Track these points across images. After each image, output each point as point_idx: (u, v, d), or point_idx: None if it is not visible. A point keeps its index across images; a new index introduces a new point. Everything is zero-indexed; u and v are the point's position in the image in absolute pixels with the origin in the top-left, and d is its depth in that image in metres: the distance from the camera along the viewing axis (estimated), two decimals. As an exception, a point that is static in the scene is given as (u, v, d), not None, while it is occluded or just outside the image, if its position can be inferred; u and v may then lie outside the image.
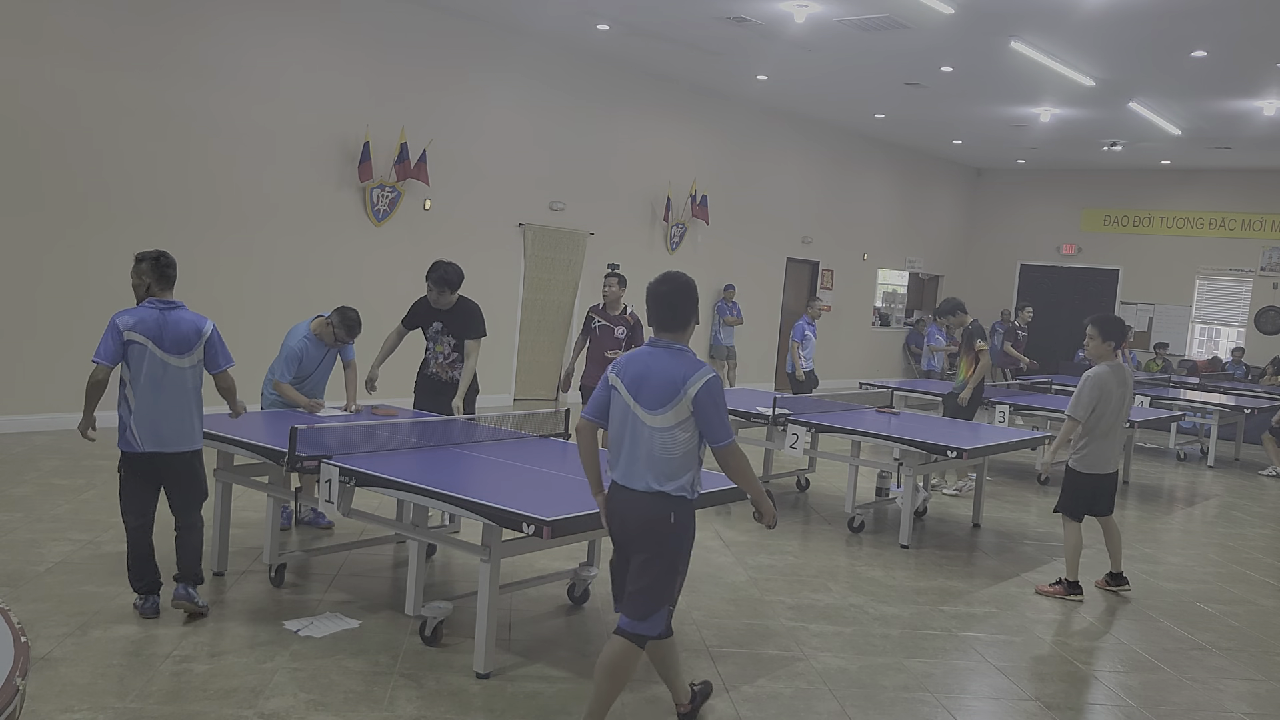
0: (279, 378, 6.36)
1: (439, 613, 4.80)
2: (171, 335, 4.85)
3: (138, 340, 4.79)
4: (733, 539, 7.16)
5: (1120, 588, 6.54)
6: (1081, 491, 6.40)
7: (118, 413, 4.90)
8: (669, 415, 3.75)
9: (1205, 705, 4.80)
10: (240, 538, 6.27)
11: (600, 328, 8.55)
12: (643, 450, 3.79)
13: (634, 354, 3.94)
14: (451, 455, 5.35)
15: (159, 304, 4.89)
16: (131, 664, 4.37)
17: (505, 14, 11.80)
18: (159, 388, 4.84)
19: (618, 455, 3.87)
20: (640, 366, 3.85)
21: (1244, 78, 12.34)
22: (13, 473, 7.60)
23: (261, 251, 10.53)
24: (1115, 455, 6.39)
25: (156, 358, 4.82)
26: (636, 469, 3.80)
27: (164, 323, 4.85)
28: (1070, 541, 6.38)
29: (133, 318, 4.82)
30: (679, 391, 3.74)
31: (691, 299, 3.90)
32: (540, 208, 13.30)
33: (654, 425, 3.77)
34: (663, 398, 3.76)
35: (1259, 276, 19.45)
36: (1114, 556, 6.58)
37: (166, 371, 4.85)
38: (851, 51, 12.31)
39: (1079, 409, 6.23)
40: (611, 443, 3.92)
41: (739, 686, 4.60)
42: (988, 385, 11.69)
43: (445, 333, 6.65)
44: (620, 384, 3.87)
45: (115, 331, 4.79)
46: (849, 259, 19.14)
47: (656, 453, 3.77)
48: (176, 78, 9.72)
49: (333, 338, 6.43)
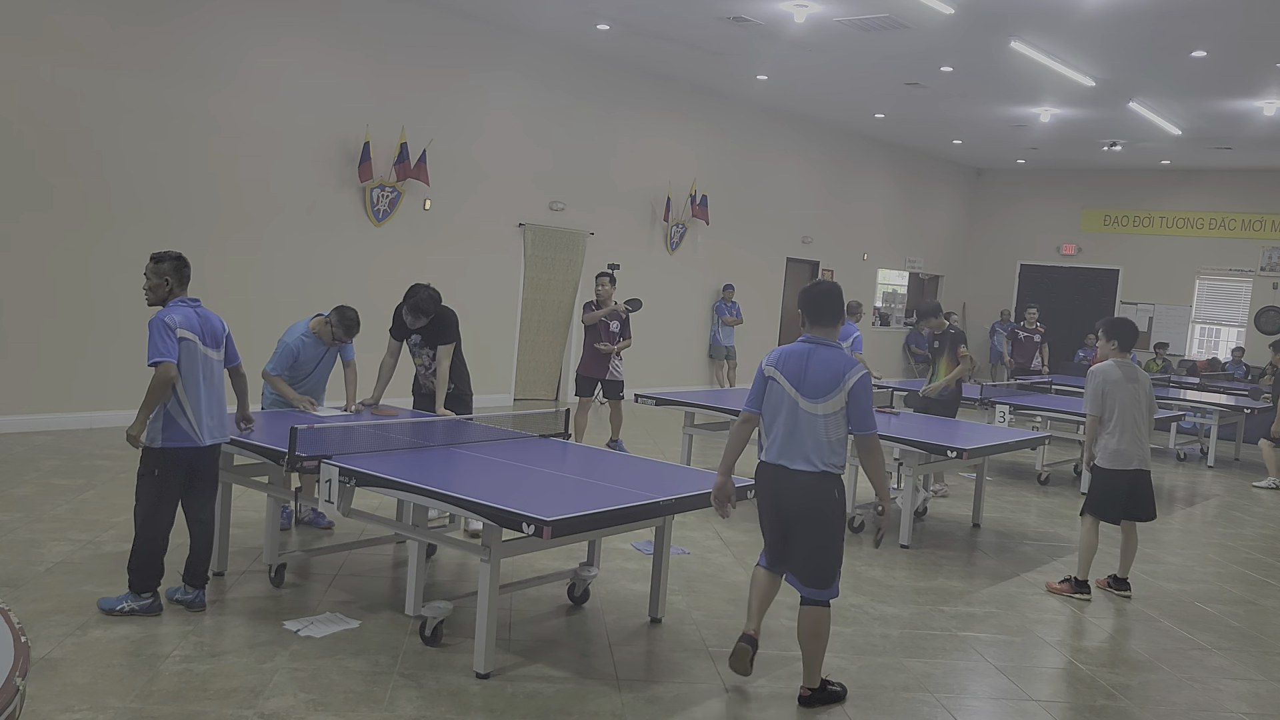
0: (270, 370, 6.37)
1: (439, 613, 4.80)
2: (209, 331, 5.03)
3: (188, 337, 4.90)
4: (733, 539, 7.16)
5: (1120, 592, 6.50)
6: (1110, 490, 6.29)
7: (164, 411, 4.88)
8: (830, 404, 4.30)
9: (1205, 705, 4.80)
10: (240, 538, 6.27)
11: (598, 323, 9.57)
12: (805, 435, 4.33)
13: (790, 349, 4.43)
14: (452, 455, 5.35)
15: (189, 302, 5.01)
16: (131, 664, 4.37)
17: (505, 14, 11.80)
18: (210, 382, 5.01)
19: (774, 439, 4.40)
20: (799, 361, 4.38)
21: (1244, 78, 12.34)
22: (13, 473, 7.60)
23: (261, 252, 10.53)
24: (1138, 451, 6.26)
25: (202, 353, 4.96)
26: (799, 451, 4.34)
27: (202, 319, 5.01)
28: (1086, 542, 6.33)
29: (178, 315, 4.91)
30: (839, 383, 4.29)
31: (840, 300, 4.50)
32: (540, 208, 13.30)
33: (816, 413, 4.31)
34: (825, 388, 4.30)
35: (1259, 276, 19.46)
36: (1124, 561, 6.53)
37: (211, 366, 5.03)
38: (851, 51, 12.31)
39: (1087, 403, 6.31)
40: (767, 427, 4.45)
41: (739, 686, 4.60)
42: (987, 385, 11.69)
43: (423, 345, 6.70)
44: (780, 375, 4.40)
45: (168, 330, 4.84)
46: (849, 259, 19.14)
47: (821, 437, 4.32)
48: (178, 78, 9.72)
49: (331, 336, 6.43)
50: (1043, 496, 9.63)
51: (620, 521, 4.55)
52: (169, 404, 4.88)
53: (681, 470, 5.49)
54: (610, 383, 9.69)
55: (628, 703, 4.34)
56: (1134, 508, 6.35)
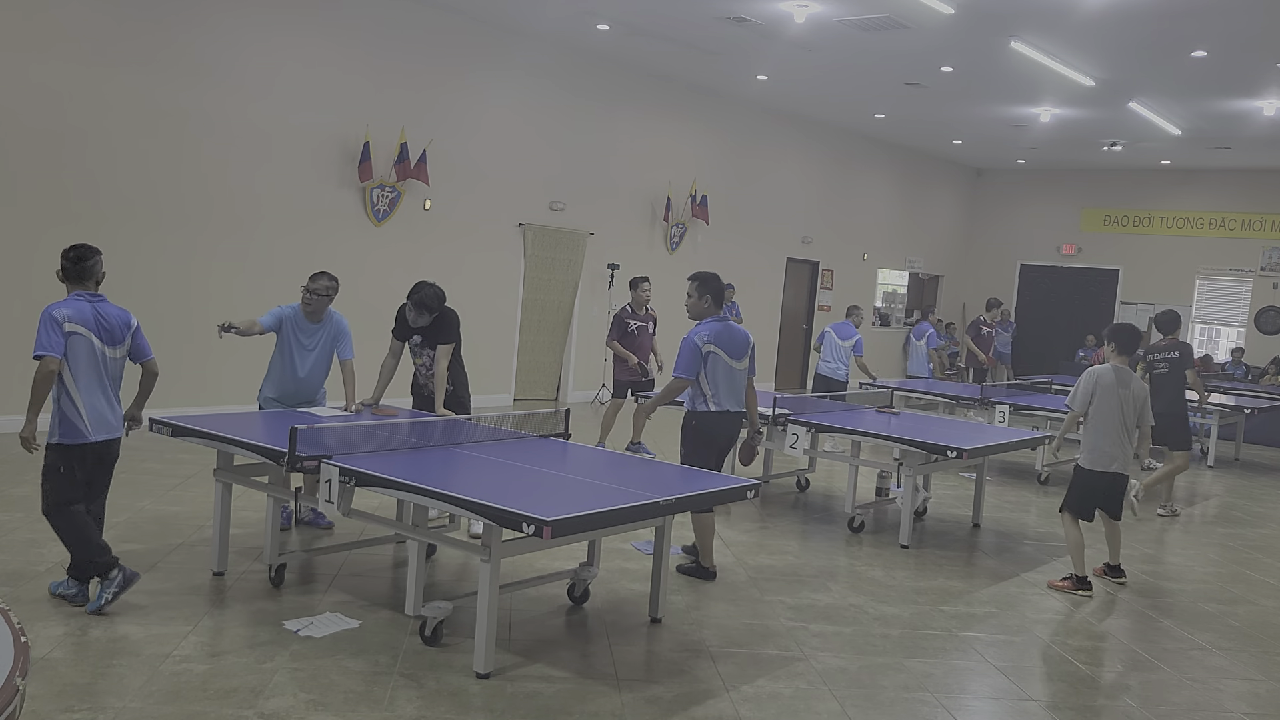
0: (259, 318, 6.38)
1: (439, 613, 4.80)
2: (106, 327, 5.03)
3: (79, 331, 4.92)
4: (733, 539, 7.16)
5: (1116, 579, 6.74)
6: (1087, 488, 6.52)
7: (59, 407, 4.96)
8: (744, 361, 6.24)
9: (1205, 705, 4.80)
10: (240, 538, 6.28)
11: (638, 328, 10.13)
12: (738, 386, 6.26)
13: (718, 328, 6.19)
14: (452, 455, 5.35)
15: (87, 296, 5.02)
16: (131, 664, 4.37)
17: (505, 14, 11.80)
18: (105, 378, 5.05)
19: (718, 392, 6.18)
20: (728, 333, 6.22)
21: (1244, 78, 12.34)
22: (13, 473, 7.60)
23: (261, 252, 10.53)
24: (1116, 454, 6.42)
25: (97, 348, 4.98)
26: (735, 397, 6.25)
27: (99, 314, 5.01)
28: (1072, 538, 6.52)
29: (70, 309, 4.93)
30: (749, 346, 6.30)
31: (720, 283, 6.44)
32: (540, 208, 13.30)
33: (741, 369, 6.24)
34: (743, 351, 6.25)
35: (1259, 276, 19.46)
36: (1112, 550, 6.80)
37: (107, 362, 5.05)
38: (851, 51, 12.31)
39: (1074, 400, 6.52)
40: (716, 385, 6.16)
41: (739, 686, 4.60)
42: (987, 385, 11.69)
43: (424, 345, 6.68)
44: (716, 347, 6.13)
45: (54, 324, 4.87)
46: (849, 259, 19.15)
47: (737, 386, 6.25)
48: (172, 75, 9.71)
49: (307, 306, 6.37)
50: (1043, 496, 9.63)
51: (620, 521, 4.55)
52: (61, 400, 4.95)
53: (681, 470, 5.49)
54: (648, 384, 10.08)
55: (628, 703, 4.34)
56: (1106, 503, 6.59)
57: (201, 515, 6.81)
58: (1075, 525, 6.54)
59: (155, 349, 5.39)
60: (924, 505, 8.22)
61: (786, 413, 7.78)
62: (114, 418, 5.11)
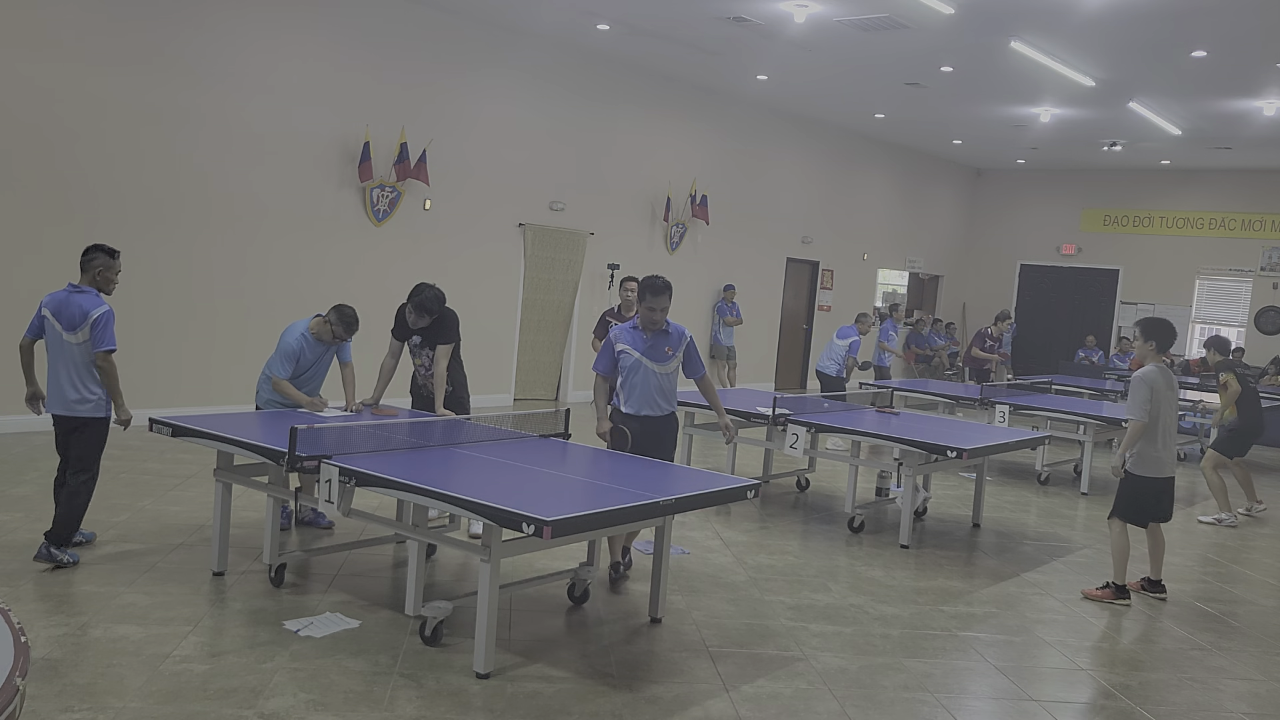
0: (277, 374, 6.38)
1: (439, 613, 4.80)
2: (66, 314, 5.57)
3: (46, 315, 5.65)
4: (732, 539, 7.16)
5: (1156, 594, 6.49)
6: (1144, 496, 6.28)
7: None
8: (672, 364, 5.99)
9: (1205, 705, 4.80)
10: (240, 538, 6.27)
11: None
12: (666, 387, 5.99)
13: (634, 332, 5.93)
14: (452, 455, 5.35)
15: (71, 286, 5.66)
16: (131, 664, 4.37)
17: (505, 14, 11.80)
18: (60, 359, 5.61)
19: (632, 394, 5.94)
20: (644, 339, 5.94)
21: (1244, 78, 12.34)
22: (13, 473, 7.61)
23: (261, 252, 10.53)
24: (1170, 458, 6.28)
25: (56, 332, 5.59)
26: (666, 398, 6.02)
27: (63, 302, 5.61)
28: (1119, 546, 6.32)
29: (50, 297, 5.67)
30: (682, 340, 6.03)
31: None
32: (540, 208, 13.30)
33: (665, 371, 5.96)
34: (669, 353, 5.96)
35: (1259, 276, 19.46)
36: (1155, 563, 6.52)
37: (63, 346, 5.59)
38: (851, 51, 12.31)
39: (1137, 409, 6.15)
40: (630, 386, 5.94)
41: (739, 686, 4.60)
42: (986, 385, 11.69)
43: (423, 346, 6.68)
44: (630, 349, 5.90)
45: (39, 310, 5.68)
46: (849, 259, 19.14)
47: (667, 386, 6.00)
48: (172, 75, 9.71)
49: (331, 335, 6.45)
50: (1043, 496, 9.63)
51: (620, 521, 4.55)
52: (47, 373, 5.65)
53: (681, 470, 5.49)
54: None
55: (628, 703, 4.34)
56: (1159, 509, 6.36)
57: (201, 515, 6.81)
58: (1124, 533, 6.33)
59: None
60: (924, 505, 8.22)
61: (786, 413, 7.78)
62: (72, 396, 5.59)
